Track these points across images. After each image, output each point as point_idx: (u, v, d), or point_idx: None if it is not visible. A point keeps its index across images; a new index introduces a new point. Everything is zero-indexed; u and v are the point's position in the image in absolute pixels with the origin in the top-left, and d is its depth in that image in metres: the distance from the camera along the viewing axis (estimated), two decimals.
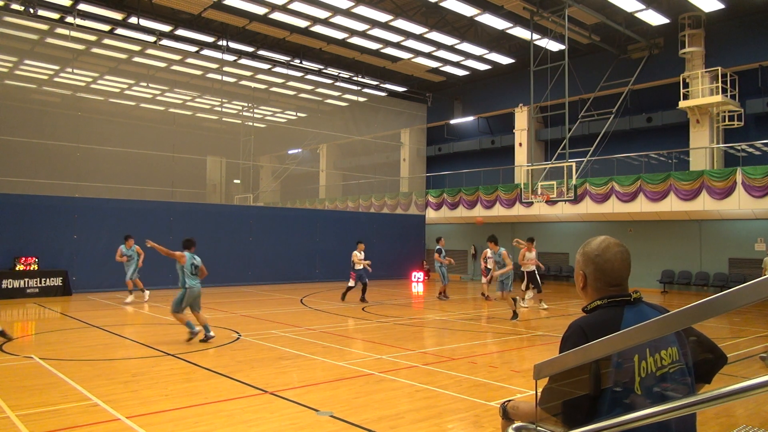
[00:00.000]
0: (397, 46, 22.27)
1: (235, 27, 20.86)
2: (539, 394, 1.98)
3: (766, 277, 1.28)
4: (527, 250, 15.02)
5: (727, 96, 19.03)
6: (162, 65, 23.97)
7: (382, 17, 19.40)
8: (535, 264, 15.02)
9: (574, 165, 18.40)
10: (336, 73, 25.35)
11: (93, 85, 25.16)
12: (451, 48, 22.47)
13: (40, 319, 12.58)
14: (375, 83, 26.80)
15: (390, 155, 30.10)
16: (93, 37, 20.72)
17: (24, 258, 15.89)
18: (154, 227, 17.95)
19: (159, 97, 27.08)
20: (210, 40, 21.32)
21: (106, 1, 18.33)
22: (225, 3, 18.39)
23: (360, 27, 20.32)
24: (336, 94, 28.39)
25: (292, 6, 18.59)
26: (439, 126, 28.97)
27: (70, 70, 22.38)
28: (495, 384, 6.95)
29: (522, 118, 24.60)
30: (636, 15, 19.09)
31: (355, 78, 25.96)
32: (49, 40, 20.81)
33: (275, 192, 33.39)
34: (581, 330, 1.95)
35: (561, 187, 18.44)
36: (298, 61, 23.66)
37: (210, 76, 25.22)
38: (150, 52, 22.26)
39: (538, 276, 15.04)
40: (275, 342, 9.61)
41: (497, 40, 22.19)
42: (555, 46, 20.41)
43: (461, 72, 25.54)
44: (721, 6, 18.32)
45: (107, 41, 21.10)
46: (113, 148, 21.62)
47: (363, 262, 15.40)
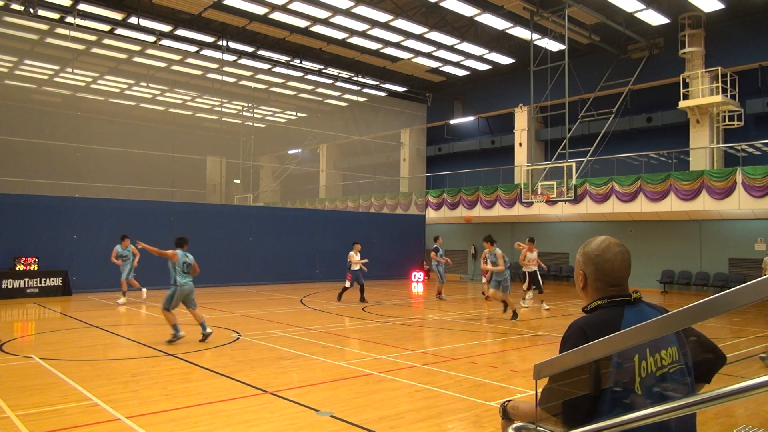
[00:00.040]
0: (397, 46, 22.27)
1: (235, 27, 20.86)
2: (539, 394, 1.98)
3: (766, 277, 1.28)
4: (528, 250, 14.99)
5: (727, 96, 19.03)
6: (162, 65, 23.98)
7: (382, 17, 19.40)
8: (537, 264, 14.99)
9: (574, 165, 18.40)
10: (336, 73, 25.35)
11: (93, 85, 25.17)
12: (451, 48, 22.46)
13: (40, 319, 12.58)
14: (375, 83, 26.79)
15: (390, 155, 30.10)
16: (93, 37, 20.73)
17: (24, 258, 15.89)
18: (154, 227, 17.98)
19: (159, 97, 27.09)
20: (210, 40, 21.32)
21: (106, 1, 18.33)
22: (225, 3, 18.39)
23: (360, 27, 20.32)
24: (336, 94, 28.39)
25: (292, 6, 18.59)
26: (439, 126, 28.97)
27: (70, 70, 22.40)
28: (495, 384, 6.95)
29: (522, 118, 24.60)
30: (636, 15, 19.09)
31: (355, 78, 25.95)
32: (49, 40, 20.82)
33: (275, 192, 33.39)
34: (581, 330, 1.95)
35: (561, 187, 18.44)
36: (298, 61, 23.66)
37: (210, 76, 25.22)
38: (150, 52, 22.26)
39: (539, 276, 15.02)
40: (275, 342, 9.60)
41: (497, 40, 22.19)
42: (555, 46, 20.41)
43: (461, 72, 25.54)
44: (721, 6, 18.33)
45: (107, 41, 21.11)
46: (113, 148, 21.63)
47: (359, 262, 15.44)
